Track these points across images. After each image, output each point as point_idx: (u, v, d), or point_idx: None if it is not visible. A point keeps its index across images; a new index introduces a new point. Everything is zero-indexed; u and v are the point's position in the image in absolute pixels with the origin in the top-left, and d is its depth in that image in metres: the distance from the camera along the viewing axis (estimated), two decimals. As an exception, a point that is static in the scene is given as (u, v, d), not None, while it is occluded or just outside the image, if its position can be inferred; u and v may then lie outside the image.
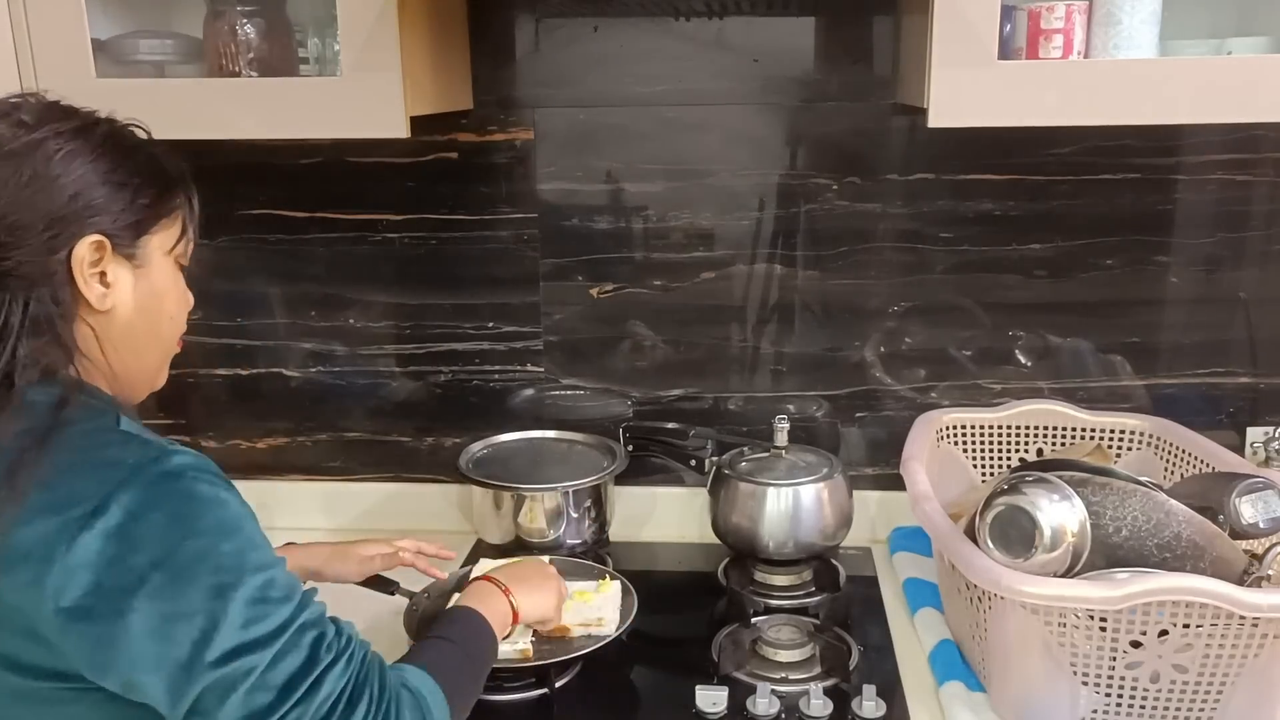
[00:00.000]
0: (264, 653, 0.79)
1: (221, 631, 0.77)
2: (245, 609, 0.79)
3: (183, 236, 0.93)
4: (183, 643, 0.77)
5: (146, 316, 0.90)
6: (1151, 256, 1.56)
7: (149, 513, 0.77)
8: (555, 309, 1.66)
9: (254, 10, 1.39)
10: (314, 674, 0.81)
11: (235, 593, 0.78)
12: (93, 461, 0.79)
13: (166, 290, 0.92)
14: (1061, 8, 1.23)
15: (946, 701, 1.21)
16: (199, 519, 0.79)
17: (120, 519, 0.76)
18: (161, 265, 0.91)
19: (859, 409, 1.66)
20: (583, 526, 1.55)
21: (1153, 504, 1.13)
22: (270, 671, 0.79)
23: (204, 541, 0.78)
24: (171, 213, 0.91)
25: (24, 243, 0.81)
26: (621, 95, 1.57)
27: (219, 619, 0.78)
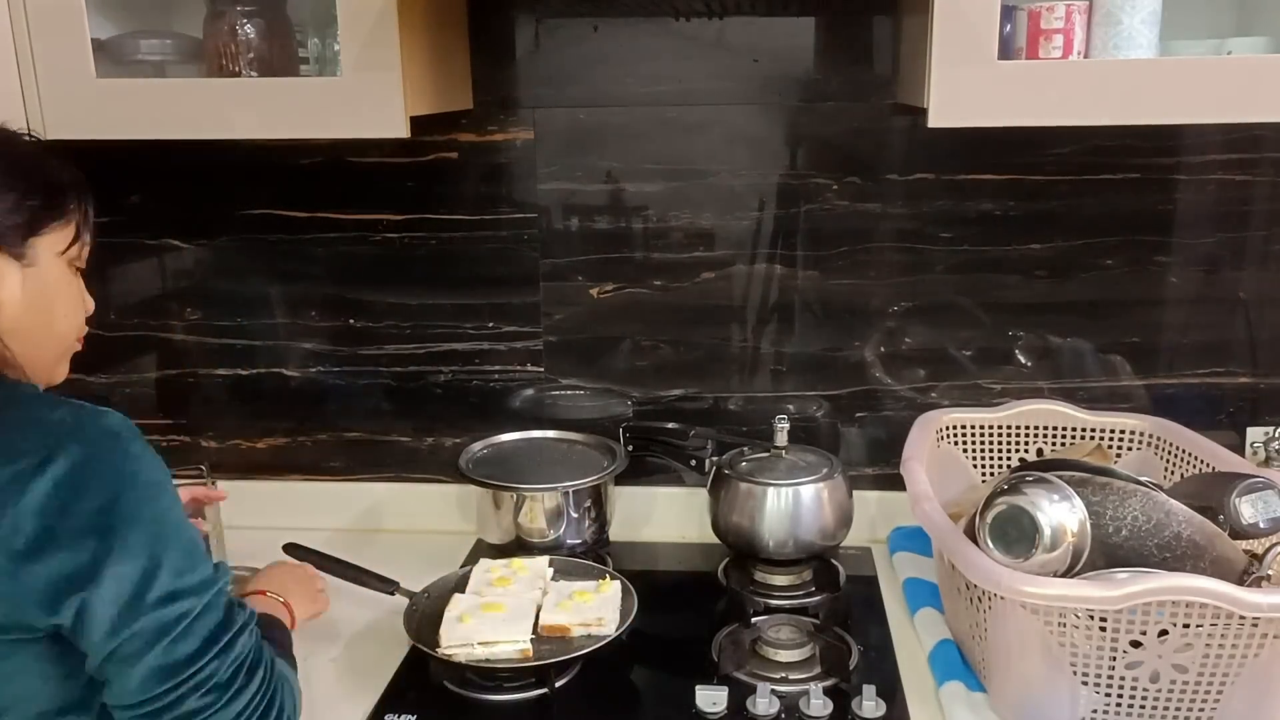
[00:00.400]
0: (195, 600, 0.86)
1: (161, 575, 0.84)
2: (180, 558, 0.85)
3: (76, 240, 0.97)
4: (125, 582, 0.82)
5: (36, 313, 0.93)
6: (1151, 256, 1.56)
7: (93, 463, 0.82)
8: (555, 309, 1.66)
9: (254, 10, 1.39)
10: (230, 632, 0.88)
11: (172, 541, 0.85)
12: (34, 419, 0.84)
13: (57, 290, 0.96)
14: (1061, 8, 1.22)
15: (946, 701, 1.21)
16: (138, 473, 0.85)
17: (66, 469, 0.81)
18: (53, 265, 0.95)
19: (859, 409, 1.66)
20: (583, 526, 1.55)
21: (1153, 504, 1.13)
22: (197, 622, 0.86)
23: (143, 493, 0.85)
24: (63, 216, 0.95)
25: None
26: (621, 95, 1.57)
27: (160, 562, 0.84)
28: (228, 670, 0.87)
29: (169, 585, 0.84)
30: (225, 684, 0.87)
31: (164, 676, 0.84)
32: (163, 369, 1.72)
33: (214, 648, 0.86)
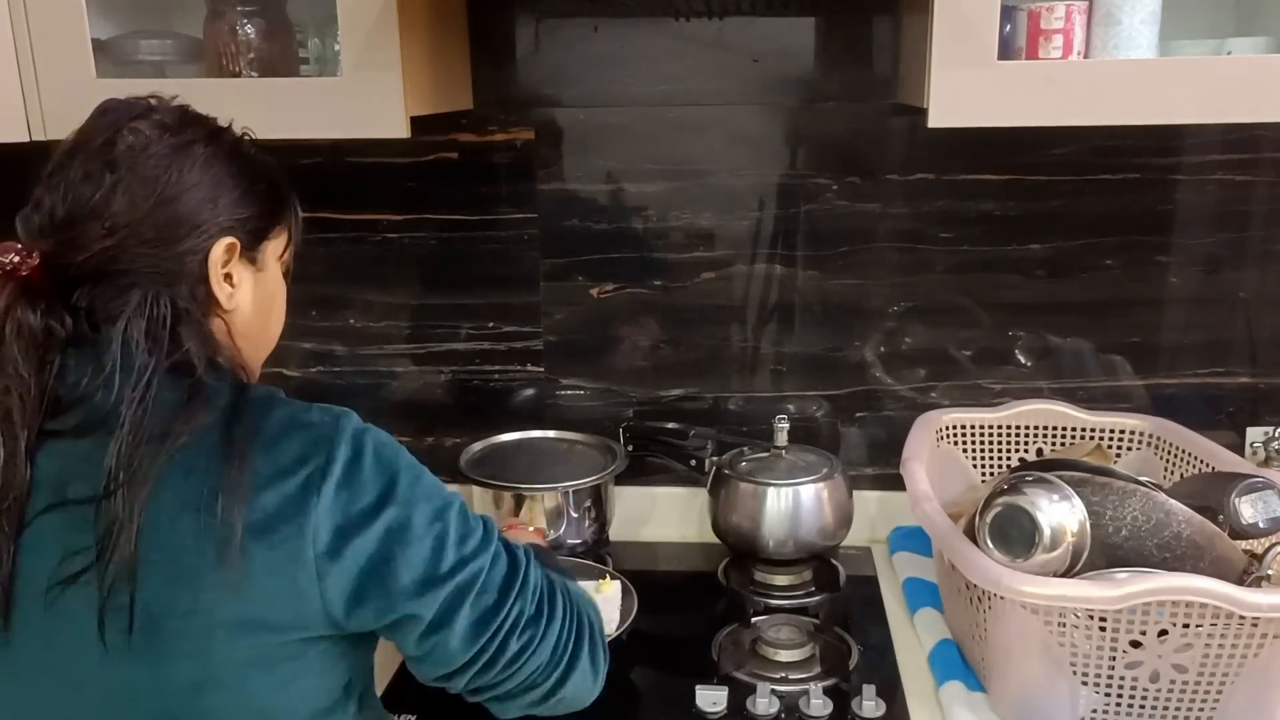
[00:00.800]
0: (483, 558, 0.88)
1: (448, 547, 0.86)
2: (458, 526, 0.87)
3: (290, 243, 0.99)
4: (418, 563, 0.84)
5: (261, 316, 0.95)
6: (1151, 256, 1.56)
7: (362, 459, 0.83)
8: (555, 309, 1.66)
9: (254, 10, 1.39)
10: (520, 573, 0.91)
11: (448, 513, 0.87)
12: (300, 424, 0.84)
13: (277, 292, 0.98)
14: (1061, 8, 1.22)
15: (946, 701, 1.21)
16: (396, 460, 0.86)
17: (341, 470, 0.82)
18: (274, 270, 0.96)
19: (859, 409, 1.66)
20: (583, 526, 1.55)
21: (1152, 504, 1.13)
22: (490, 575, 0.88)
23: (409, 475, 0.86)
24: (284, 219, 0.96)
25: (167, 241, 0.84)
26: (621, 95, 1.57)
27: (444, 537, 0.86)
28: (531, 605, 0.90)
29: (457, 553, 0.86)
30: (535, 617, 0.90)
31: (479, 631, 0.86)
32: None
33: (512, 591, 0.89)
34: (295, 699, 0.84)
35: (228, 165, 0.88)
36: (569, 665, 0.92)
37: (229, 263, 0.88)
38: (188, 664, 0.79)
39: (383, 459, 0.85)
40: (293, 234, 0.99)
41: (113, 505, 0.76)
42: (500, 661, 0.88)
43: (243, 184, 0.89)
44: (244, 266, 0.91)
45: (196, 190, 0.85)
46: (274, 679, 0.82)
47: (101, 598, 0.76)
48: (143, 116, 0.86)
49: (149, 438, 0.78)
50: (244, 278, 0.91)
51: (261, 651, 0.81)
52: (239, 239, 0.89)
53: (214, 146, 0.88)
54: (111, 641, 0.77)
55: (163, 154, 0.84)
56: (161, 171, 0.84)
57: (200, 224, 0.85)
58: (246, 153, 0.92)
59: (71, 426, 0.80)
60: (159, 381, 0.80)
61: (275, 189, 0.94)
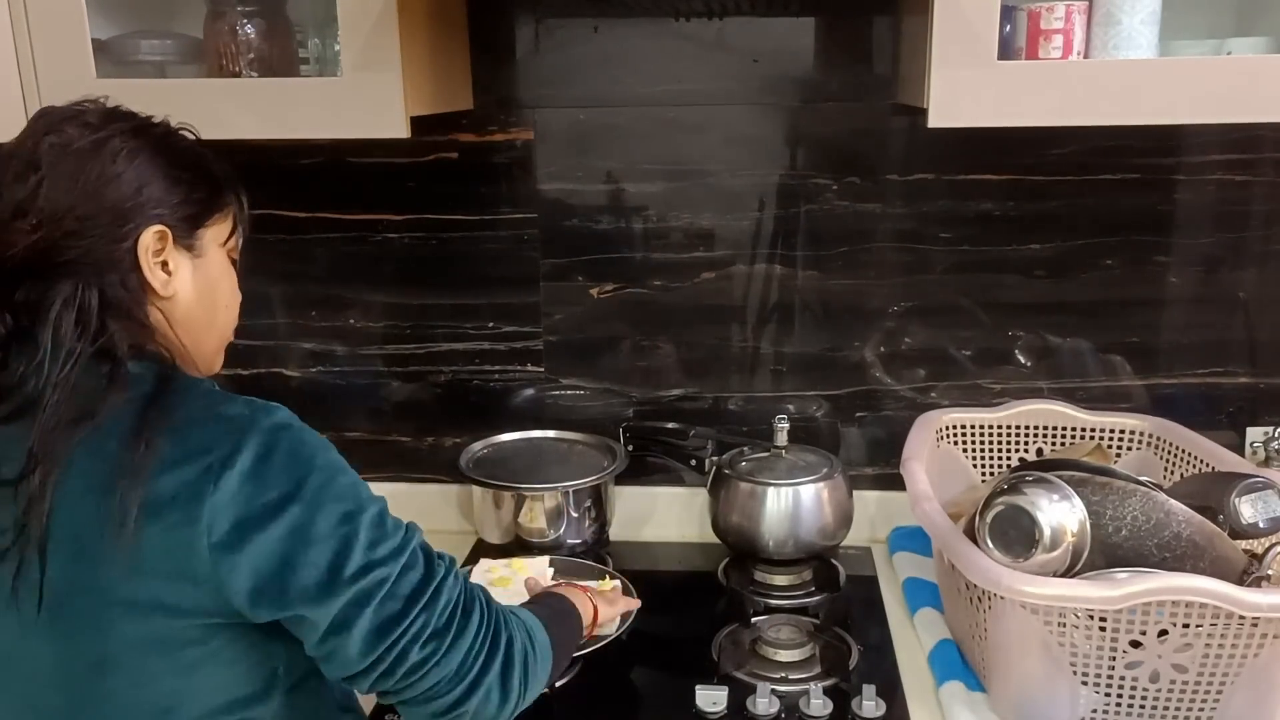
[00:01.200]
0: (391, 566, 0.88)
1: (354, 551, 0.85)
2: (370, 531, 0.87)
3: (234, 231, 1.00)
4: (320, 565, 0.84)
5: (204, 304, 0.96)
6: (1151, 256, 1.56)
7: (274, 455, 0.84)
8: (555, 309, 1.66)
9: (254, 10, 1.39)
10: (433, 584, 0.90)
11: (360, 517, 0.87)
12: (215, 415, 0.85)
13: (220, 280, 0.98)
14: (1061, 8, 1.22)
15: (946, 701, 1.21)
16: (315, 458, 0.87)
17: (251, 462, 0.82)
18: (216, 256, 0.97)
19: (859, 409, 1.66)
20: (583, 526, 1.55)
21: (1152, 504, 1.13)
22: (398, 583, 0.88)
23: (324, 476, 0.86)
24: (224, 208, 0.98)
25: (92, 232, 0.87)
26: (621, 95, 1.57)
27: (350, 540, 0.86)
28: (440, 618, 0.90)
29: (362, 559, 0.86)
30: (442, 630, 0.90)
31: (380, 636, 0.86)
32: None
33: (420, 601, 0.89)
34: (203, 686, 0.86)
35: (153, 156, 0.90)
36: (473, 683, 0.92)
37: (162, 250, 0.91)
38: (88, 642, 0.82)
39: (298, 456, 0.85)
40: (237, 221, 1.00)
41: (30, 485, 0.80)
42: (400, 670, 0.88)
43: (171, 173, 0.91)
44: (180, 253, 0.93)
45: (119, 182, 0.88)
46: (175, 663, 0.84)
47: (12, 575, 0.81)
48: (70, 119, 0.90)
49: (68, 421, 0.82)
50: (181, 264, 0.93)
51: (159, 634, 0.83)
52: (171, 226, 0.91)
53: (138, 140, 0.90)
54: (25, 617, 0.82)
55: (84, 149, 0.87)
56: (83, 166, 0.87)
57: (125, 213, 0.88)
58: (176, 145, 0.94)
59: (5, 414, 0.84)
60: (84, 366, 0.84)
61: (209, 177, 0.96)
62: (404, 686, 0.89)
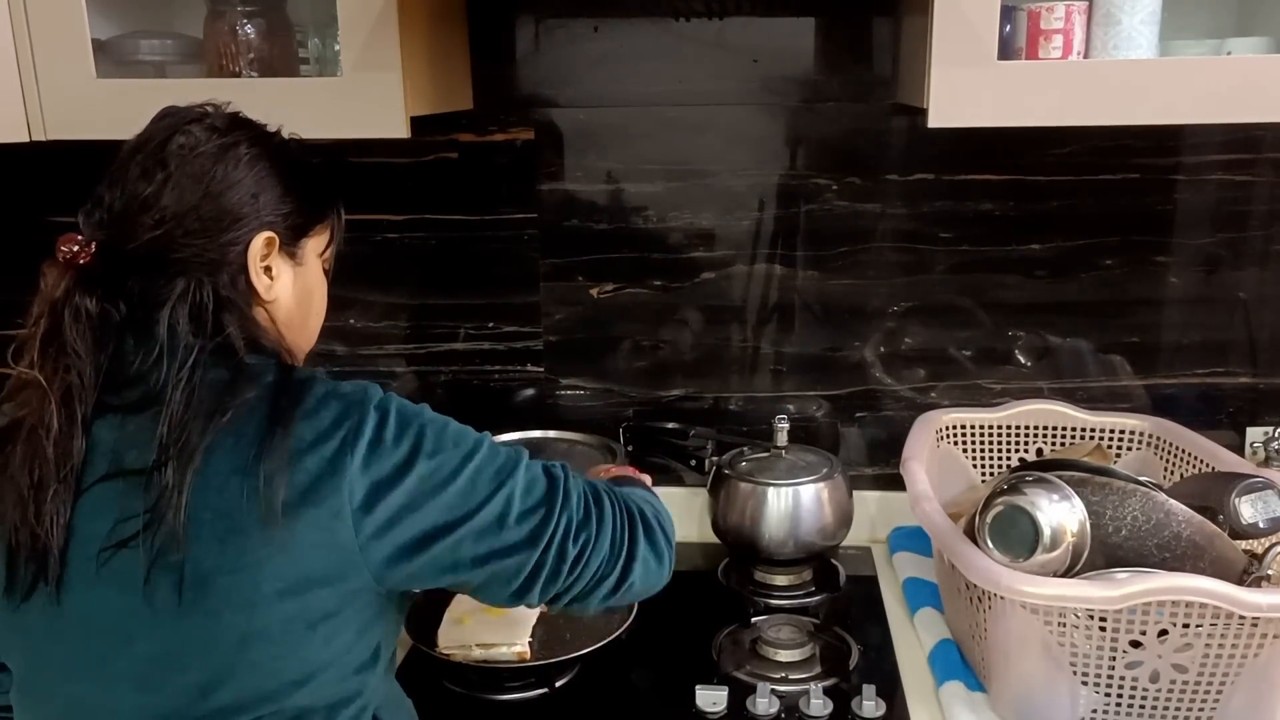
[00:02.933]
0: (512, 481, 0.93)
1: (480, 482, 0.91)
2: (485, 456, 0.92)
3: (331, 242, 1.04)
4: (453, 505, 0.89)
5: (300, 310, 1.00)
6: (1151, 256, 1.56)
7: (386, 423, 0.88)
8: (555, 309, 1.66)
9: (254, 10, 1.39)
10: (560, 487, 0.96)
11: (476, 455, 0.92)
12: (335, 395, 0.89)
13: (315, 288, 1.03)
14: (1061, 8, 1.23)
15: (946, 701, 1.21)
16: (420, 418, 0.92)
17: (373, 431, 0.87)
18: (314, 265, 1.01)
19: (859, 409, 1.66)
20: (583, 526, 1.55)
21: (1152, 504, 1.13)
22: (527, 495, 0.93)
23: (434, 429, 0.91)
24: (325, 219, 1.02)
25: (210, 232, 0.90)
26: (621, 95, 1.57)
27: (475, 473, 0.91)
28: (580, 511, 0.95)
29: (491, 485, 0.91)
30: (585, 521, 0.95)
31: (532, 545, 0.91)
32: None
33: (555, 502, 0.94)
34: (337, 653, 0.88)
35: (271, 165, 0.94)
36: (629, 556, 0.97)
37: (268, 255, 0.94)
38: (237, 618, 0.83)
39: (406, 419, 0.90)
40: (334, 234, 1.04)
41: (164, 475, 0.82)
42: (563, 569, 0.93)
43: (285, 183, 0.95)
44: (283, 260, 0.96)
45: (239, 187, 0.91)
46: (316, 634, 0.86)
47: (149, 559, 0.82)
48: (196, 120, 0.93)
49: (197, 413, 0.84)
50: (283, 270, 0.96)
51: (305, 605, 0.85)
52: (279, 234, 0.94)
53: (259, 148, 0.94)
54: (162, 600, 0.83)
55: (210, 153, 0.91)
56: (208, 169, 0.90)
57: (242, 218, 0.91)
58: (292, 155, 0.98)
59: (127, 403, 0.86)
60: (205, 362, 0.87)
61: (318, 190, 1.00)
62: (571, 582, 0.93)
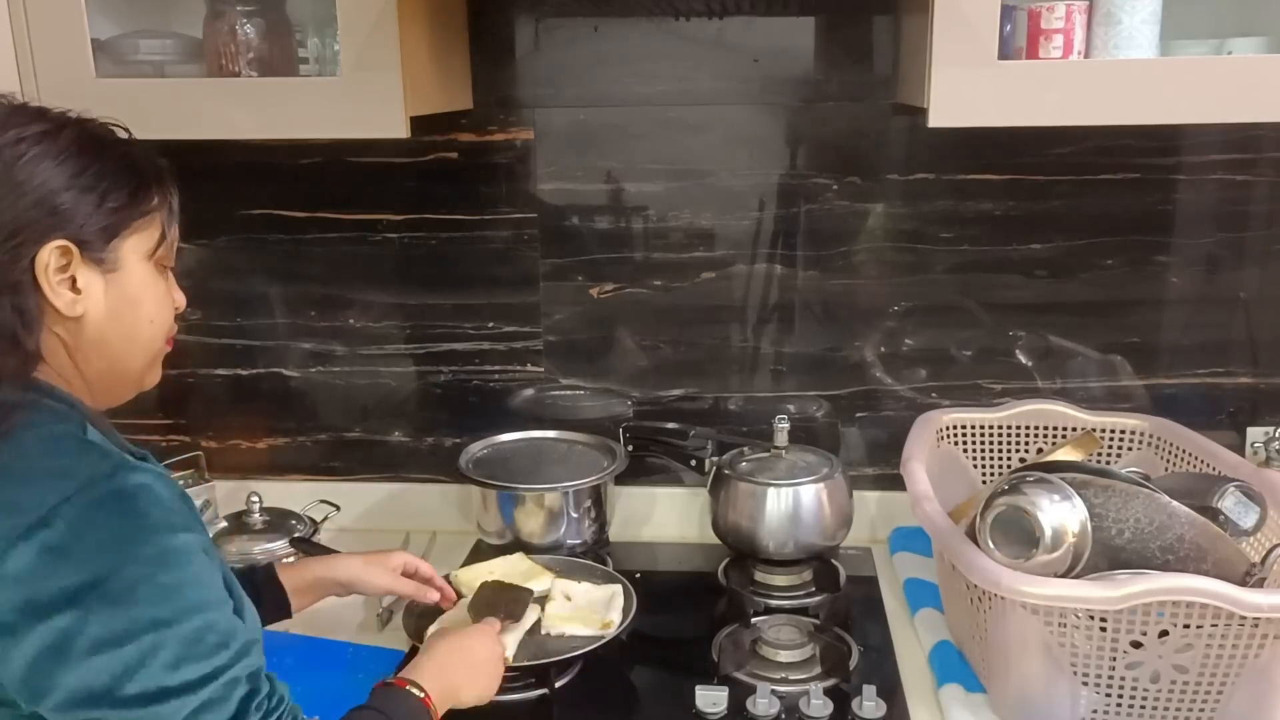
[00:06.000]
0: (188, 698, 0.76)
1: (148, 668, 0.75)
2: (178, 648, 0.76)
3: (161, 239, 0.90)
4: (102, 673, 0.74)
5: (121, 322, 0.87)
6: (1151, 256, 1.56)
7: (92, 531, 0.75)
8: (555, 309, 1.66)
9: (254, 10, 1.39)
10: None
11: (169, 629, 0.76)
12: (44, 469, 0.77)
13: (142, 295, 0.89)
14: (1061, 8, 1.22)
15: (946, 702, 1.21)
16: (142, 545, 0.76)
17: (63, 534, 0.74)
18: (137, 269, 0.88)
19: (859, 409, 1.66)
20: (583, 526, 1.55)
21: (1155, 506, 1.13)
22: (196, 718, 0.77)
23: (144, 570, 0.76)
24: (146, 215, 0.88)
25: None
26: (621, 95, 1.57)
27: (146, 655, 0.75)
28: None
29: (155, 681, 0.75)
30: None
31: None
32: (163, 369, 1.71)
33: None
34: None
35: (59, 164, 0.82)
36: None
37: (67, 267, 0.83)
38: None
39: (123, 536, 0.75)
40: (165, 228, 0.90)
41: None
42: None
43: (81, 182, 0.83)
44: (91, 269, 0.84)
45: (17, 194, 0.80)
46: None
47: None
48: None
49: None
50: (92, 281, 0.84)
51: None
52: (77, 240, 0.82)
53: (41, 145, 0.82)
54: None
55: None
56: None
57: (19, 230, 0.80)
58: (92, 148, 0.85)
59: None
60: None
61: (129, 183, 0.87)
62: None
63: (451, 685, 1.04)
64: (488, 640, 1.14)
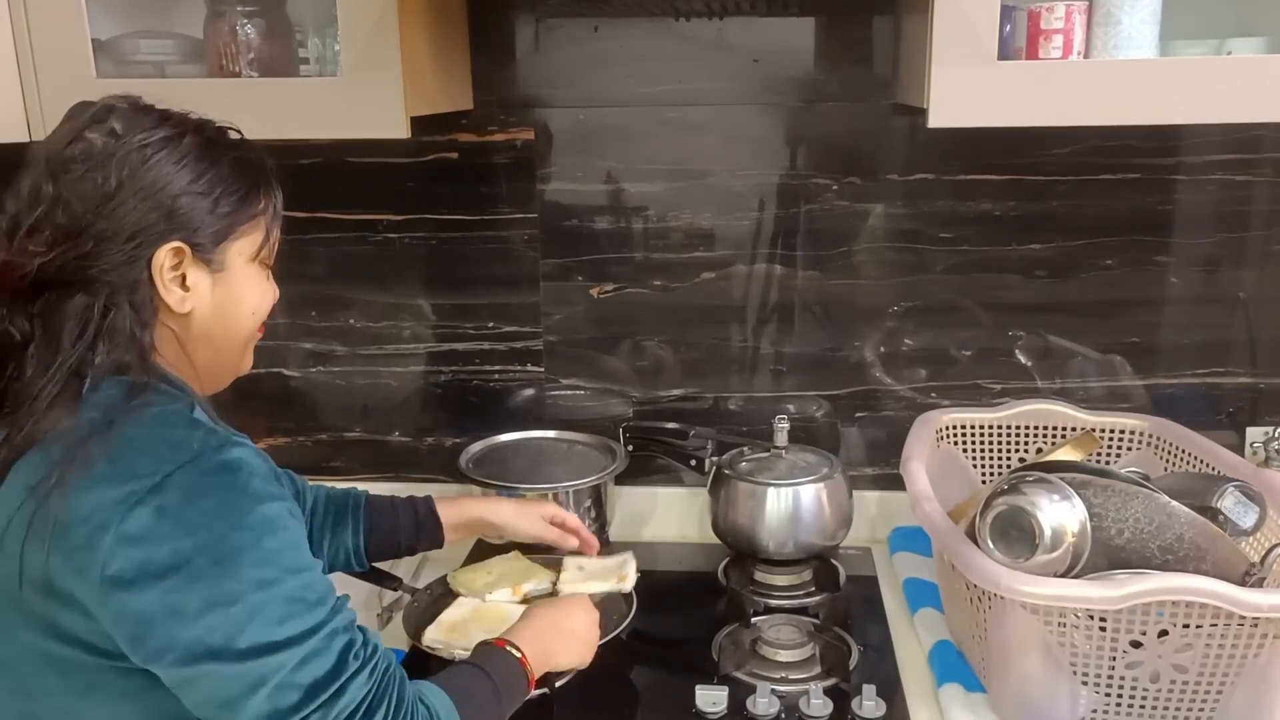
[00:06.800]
0: (294, 651, 0.81)
1: (255, 624, 0.80)
2: (282, 606, 0.81)
3: (265, 241, 0.96)
4: (215, 629, 0.79)
5: (225, 318, 0.93)
6: (1151, 256, 1.56)
7: (202, 498, 0.80)
8: (555, 309, 1.66)
9: (254, 10, 1.39)
10: (340, 680, 0.83)
11: (274, 589, 0.81)
12: (160, 439, 0.82)
13: (245, 292, 0.95)
14: (1061, 8, 1.23)
15: (946, 701, 1.21)
16: (248, 513, 0.81)
17: (177, 499, 0.79)
18: (241, 270, 0.94)
19: (859, 409, 1.66)
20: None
21: (1155, 506, 1.13)
22: (298, 671, 0.81)
23: (250, 535, 0.81)
24: (253, 219, 0.94)
25: (108, 252, 0.85)
26: (621, 95, 1.57)
27: (255, 612, 0.80)
28: (339, 716, 0.82)
29: (263, 636, 0.80)
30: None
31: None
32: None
33: (320, 696, 0.81)
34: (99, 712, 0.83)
35: (179, 169, 0.87)
36: None
37: (179, 266, 0.88)
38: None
39: (228, 505, 0.80)
40: (270, 232, 0.96)
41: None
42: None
43: (197, 188, 0.88)
44: (200, 269, 0.90)
45: (136, 198, 0.85)
46: (69, 683, 0.82)
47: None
48: (99, 122, 0.87)
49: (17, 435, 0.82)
50: (200, 280, 0.90)
51: (52, 651, 0.81)
52: (190, 243, 0.88)
53: (163, 151, 0.87)
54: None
55: (104, 163, 0.85)
56: (100, 182, 0.84)
57: (139, 232, 0.85)
58: (210, 153, 0.90)
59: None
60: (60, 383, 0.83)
61: (240, 188, 0.92)
62: None
63: (548, 649, 1.09)
64: (583, 609, 1.19)
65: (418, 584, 1.42)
